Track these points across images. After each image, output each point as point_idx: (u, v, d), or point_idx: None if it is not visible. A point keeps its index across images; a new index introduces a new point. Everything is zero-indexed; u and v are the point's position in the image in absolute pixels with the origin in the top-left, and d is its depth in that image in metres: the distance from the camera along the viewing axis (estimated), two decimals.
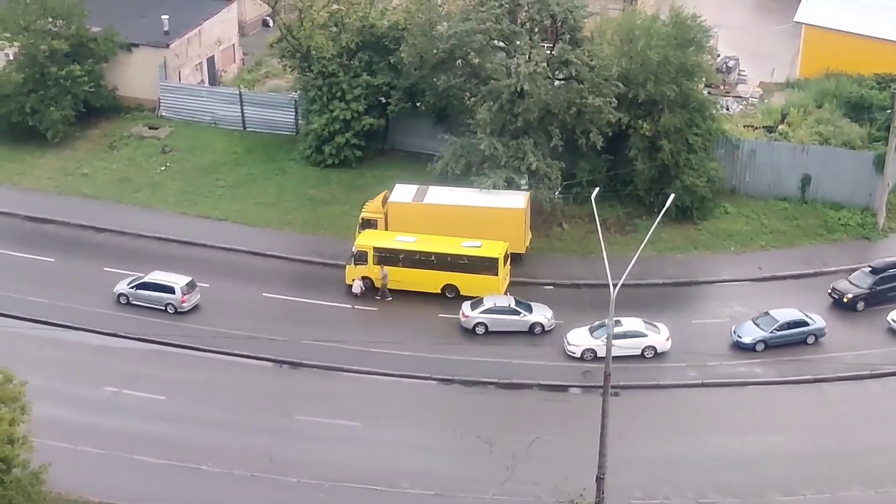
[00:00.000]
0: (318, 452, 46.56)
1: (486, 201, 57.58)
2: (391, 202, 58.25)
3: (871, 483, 44.93)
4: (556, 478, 44.88)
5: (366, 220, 58.24)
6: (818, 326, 52.65)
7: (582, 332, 52.23)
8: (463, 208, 57.11)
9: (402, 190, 59.07)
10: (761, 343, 52.03)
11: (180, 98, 71.11)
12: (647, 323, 52.17)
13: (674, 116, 59.69)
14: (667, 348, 51.78)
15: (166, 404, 49.23)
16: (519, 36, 58.95)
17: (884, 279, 54.98)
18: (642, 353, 51.54)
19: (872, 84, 67.65)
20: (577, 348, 51.55)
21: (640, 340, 51.49)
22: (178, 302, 54.44)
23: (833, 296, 55.17)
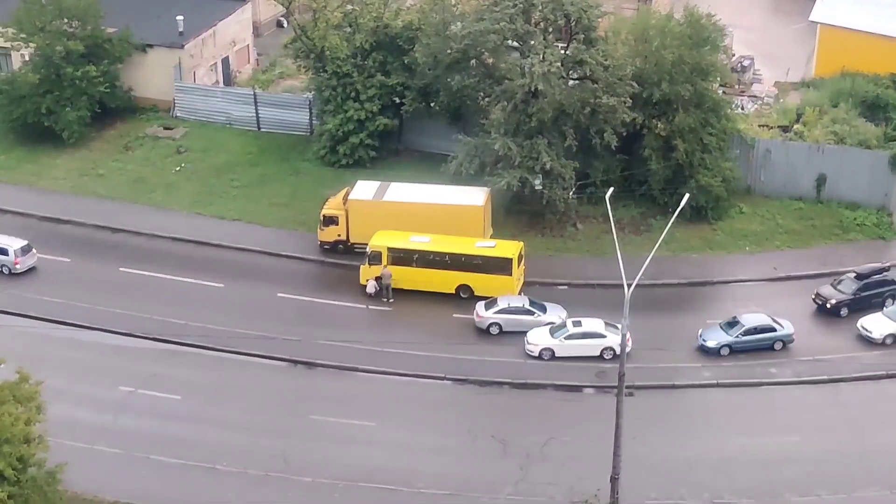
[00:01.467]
0: (332, 452, 46.63)
1: (445, 198, 57.94)
2: (351, 199, 58.50)
3: (888, 484, 44.73)
4: (571, 478, 44.83)
5: (327, 216, 58.52)
6: (786, 332, 52.02)
7: (542, 331, 52.27)
8: (422, 205, 57.39)
9: (363, 187, 59.35)
10: (726, 348, 51.61)
11: (195, 98, 71.28)
12: (608, 324, 52.04)
13: (688, 116, 59.55)
14: (627, 349, 51.44)
15: (181, 404, 49.37)
16: (533, 36, 58.92)
17: (868, 285, 54.34)
18: (601, 355, 51.42)
19: (888, 83, 67.38)
20: (536, 347, 51.67)
21: (599, 341, 51.44)
22: (11, 264, 56.51)
23: (817, 301, 54.59)
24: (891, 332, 52.24)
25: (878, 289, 54.53)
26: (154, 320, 54.02)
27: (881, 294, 54.32)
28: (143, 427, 47.84)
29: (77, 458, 43.30)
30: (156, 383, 50.49)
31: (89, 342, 53.13)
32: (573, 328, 51.86)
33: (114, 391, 49.96)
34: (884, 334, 52.26)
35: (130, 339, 53.26)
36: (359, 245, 58.19)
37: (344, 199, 58.94)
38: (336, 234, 58.58)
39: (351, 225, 58.34)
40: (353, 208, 58.32)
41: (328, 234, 58.70)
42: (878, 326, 52.53)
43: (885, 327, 52.41)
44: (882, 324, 52.60)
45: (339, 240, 58.69)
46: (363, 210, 58.12)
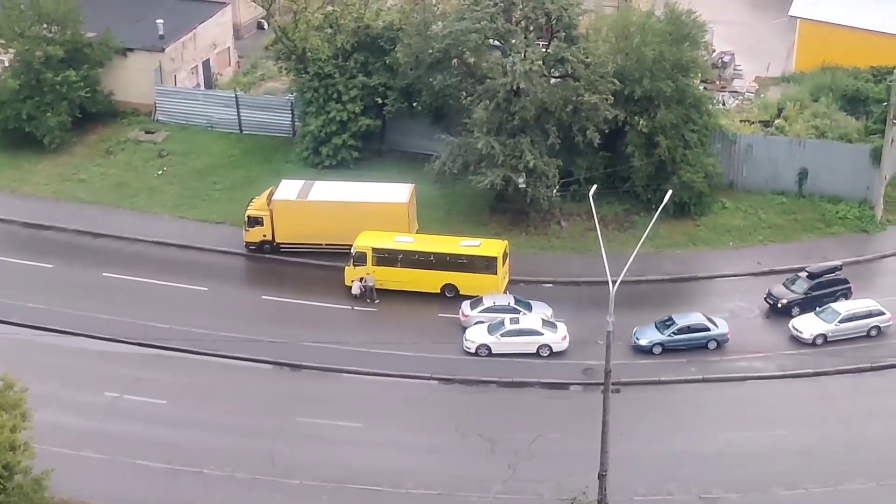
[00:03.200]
0: (320, 454, 46.55)
1: (369, 196, 58.27)
2: (275, 200, 58.52)
3: (875, 476, 44.96)
4: (559, 475, 44.86)
5: (251, 217, 58.52)
6: (720, 332, 51.92)
7: (480, 328, 52.36)
8: (346, 204, 57.61)
9: (287, 186, 59.40)
10: (658, 346, 51.67)
11: (176, 102, 71.05)
12: (546, 321, 52.14)
13: (670, 112, 59.69)
14: (563, 347, 51.77)
15: (167, 408, 49.20)
16: (514, 34, 58.97)
17: (820, 285, 54.26)
18: (537, 352, 51.52)
19: (868, 77, 67.68)
20: (473, 344, 51.82)
21: (535, 338, 51.52)
22: None
23: (768, 301, 54.58)
24: (821, 333, 52.01)
25: (830, 288, 54.38)
26: (138, 325, 53.79)
27: (833, 293, 54.17)
28: (129, 432, 47.65)
29: (63, 464, 43.14)
30: (141, 388, 50.28)
31: (73, 348, 52.88)
32: (510, 325, 51.96)
33: (99, 396, 49.74)
34: (814, 334, 52.05)
35: (115, 344, 53.03)
36: (286, 245, 58.29)
37: (268, 200, 58.82)
38: (262, 235, 58.48)
39: (276, 225, 58.30)
40: (278, 208, 58.26)
41: (254, 234, 58.52)
42: (808, 327, 52.38)
43: (815, 327, 52.21)
44: (812, 324, 52.43)
45: (265, 240, 58.57)
46: (288, 210, 58.10)
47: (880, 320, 52.56)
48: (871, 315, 52.58)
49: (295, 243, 58.64)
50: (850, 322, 52.29)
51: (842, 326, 52.18)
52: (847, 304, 53.13)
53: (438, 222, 61.02)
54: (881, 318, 52.58)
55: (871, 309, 52.78)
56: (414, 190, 59.16)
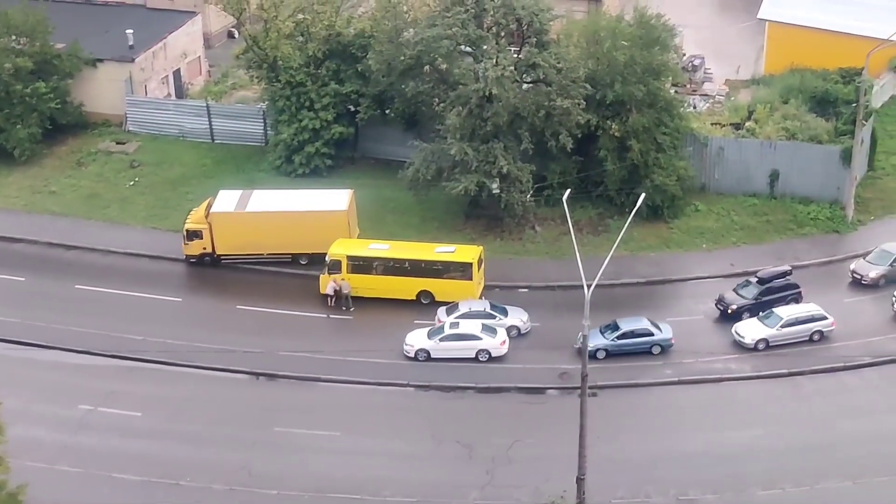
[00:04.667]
0: (297, 464, 46.38)
1: (307, 204, 58.17)
2: (213, 212, 58.25)
3: (850, 474, 45.23)
4: (537, 480, 44.91)
5: (190, 231, 58.16)
6: (664, 337, 51.97)
7: (420, 333, 52.46)
8: (284, 213, 57.52)
9: (224, 198, 59.08)
10: (602, 351, 51.69)
11: (147, 112, 70.74)
12: (485, 327, 52.27)
13: (642, 116, 59.94)
14: (502, 352, 51.89)
15: (142, 421, 48.91)
16: (485, 40, 59.07)
17: (770, 290, 54.37)
18: (476, 357, 51.61)
19: (837, 79, 68.13)
20: (412, 348, 51.91)
21: (474, 343, 51.59)
22: None
23: (719, 307, 54.64)
24: (763, 337, 52.12)
25: (780, 293, 54.48)
26: (112, 337, 53.47)
27: (783, 298, 54.28)
28: (104, 445, 47.34)
29: (38, 478, 42.68)
30: (115, 401, 49.96)
31: (47, 361, 52.49)
32: (449, 330, 52.01)
33: (73, 410, 49.39)
34: (755, 339, 52.16)
35: (88, 357, 52.69)
36: (226, 257, 58.12)
37: (206, 212, 58.57)
38: (201, 248, 58.20)
39: (215, 237, 58.03)
40: (216, 221, 58.00)
41: (193, 247, 58.22)
42: (750, 332, 52.50)
43: (757, 332, 52.32)
44: (755, 329, 52.55)
45: (205, 253, 58.31)
46: (226, 222, 57.87)
47: (823, 325, 52.61)
48: (813, 319, 52.60)
49: (235, 255, 58.35)
50: (793, 327, 52.29)
51: (784, 331, 52.22)
52: (789, 309, 53.00)
53: (413, 229, 61.03)
54: (824, 323, 52.63)
55: (813, 313, 52.81)
56: (353, 196, 59.03)
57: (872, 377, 51.11)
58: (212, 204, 59.01)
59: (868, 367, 51.46)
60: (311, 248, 57.89)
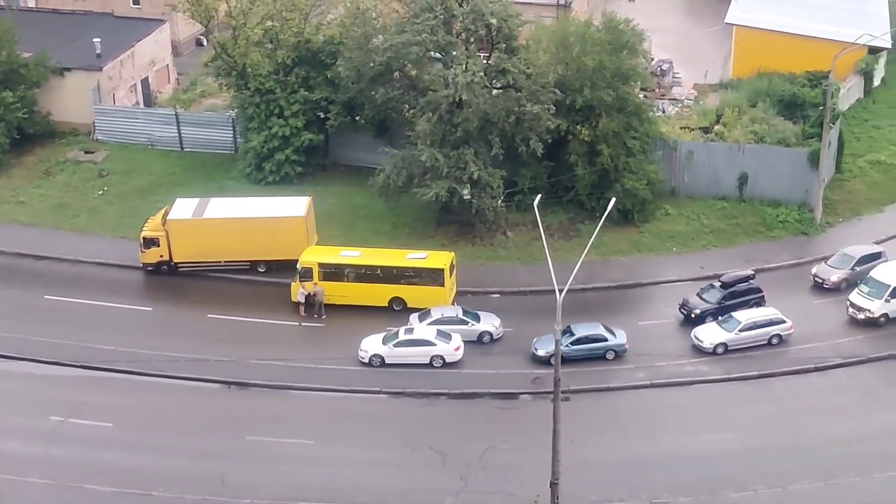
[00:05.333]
0: (270, 473, 46.17)
1: (265, 211, 58.07)
2: (170, 220, 58.07)
3: (821, 475, 45.50)
4: (511, 485, 44.93)
5: (147, 238, 57.92)
6: (617, 342, 51.97)
7: (375, 338, 52.47)
8: (242, 220, 57.39)
9: (181, 205, 58.91)
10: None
11: (115, 121, 70.37)
12: (440, 332, 52.30)
13: (611, 121, 60.20)
14: (456, 358, 51.89)
15: (114, 431, 48.56)
16: (455, 46, 59.15)
17: (733, 294, 54.55)
18: (430, 363, 51.64)
19: (804, 82, 68.76)
20: (366, 354, 51.90)
21: (428, 349, 51.63)
22: None
23: (682, 311, 54.80)
24: (721, 342, 52.27)
25: (743, 297, 54.67)
26: (82, 347, 53.06)
27: (747, 302, 54.47)
28: (75, 456, 46.93)
29: (9, 490, 42.48)
30: (86, 411, 49.57)
31: (16, 372, 52.02)
32: (403, 336, 52.01)
33: (44, 421, 48.93)
34: (714, 343, 52.30)
35: (58, 368, 52.23)
36: (184, 265, 57.93)
37: (163, 220, 58.34)
38: (158, 256, 57.91)
39: (173, 245, 57.76)
40: (173, 228, 57.78)
41: (150, 255, 57.91)
42: (708, 336, 52.65)
43: (716, 336, 52.46)
44: (713, 333, 52.71)
45: (162, 261, 58.05)
46: (183, 229, 57.64)
47: (781, 328, 52.83)
48: (771, 323, 52.81)
49: (193, 262, 58.10)
50: (751, 331, 52.47)
51: (742, 335, 52.37)
52: (748, 313, 53.15)
53: (384, 235, 60.99)
54: (782, 327, 52.84)
55: (771, 317, 53.03)
56: (311, 202, 58.89)
57: (842, 378, 51.48)
58: (168, 211, 58.70)
59: (838, 368, 51.82)
60: (269, 256, 57.74)
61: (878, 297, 53.52)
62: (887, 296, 53.38)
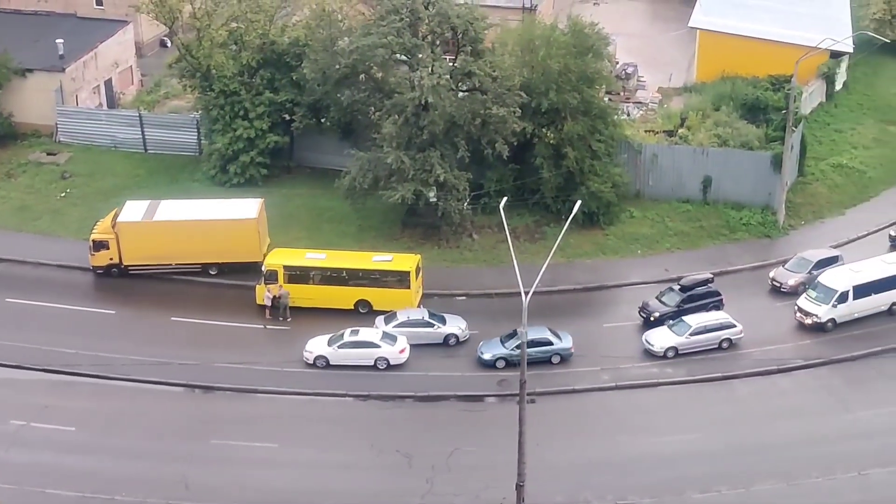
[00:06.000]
0: (235, 476, 45.92)
1: (216, 213, 57.87)
2: (120, 222, 57.71)
3: (784, 476, 45.85)
4: (477, 487, 44.96)
5: (96, 241, 57.51)
6: (563, 346, 51.95)
7: (321, 340, 52.43)
8: (194, 223, 57.18)
9: (131, 208, 58.59)
10: (502, 360, 51.66)
11: (78, 122, 69.83)
12: (386, 334, 52.39)
13: (577, 124, 60.41)
14: (401, 360, 51.91)
15: (76, 435, 48.14)
16: (421, 49, 59.14)
17: (691, 297, 54.80)
18: (375, 364, 51.67)
19: (767, 86, 69.34)
20: (311, 355, 51.85)
21: (372, 351, 51.66)
22: None
23: (642, 314, 55.02)
24: (672, 345, 52.49)
25: (702, 300, 54.88)
26: (44, 351, 52.54)
27: (705, 306, 54.70)
28: (37, 461, 46.48)
29: None
30: (48, 415, 49.11)
31: None
32: (348, 337, 52.02)
33: (5, 425, 48.45)
34: (664, 347, 52.52)
35: (20, 372, 51.73)
36: (134, 268, 57.59)
37: (113, 222, 57.97)
38: (108, 259, 57.50)
39: (123, 248, 57.39)
40: (123, 231, 57.40)
41: (100, 258, 57.48)
42: (659, 340, 52.88)
43: (666, 340, 52.69)
44: (664, 337, 52.94)
45: (112, 263, 57.62)
46: (133, 232, 57.28)
47: (732, 332, 53.08)
48: (722, 328, 53.03)
49: (144, 265, 57.71)
50: (702, 335, 52.68)
51: (692, 339, 52.58)
52: (699, 317, 53.34)
53: (350, 238, 60.87)
54: (733, 331, 53.10)
55: (722, 321, 53.26)
56: (263, 205, 58.66)
57: (805, 379, 51.93)
58: (118, 214, 58.23)
59: (801, 370, 52.26)
60: (220, 258, 57.50)
61: (825, 302, 53.85)
62: (834, 301, 53.75)
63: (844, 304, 53.95)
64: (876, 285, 54.49)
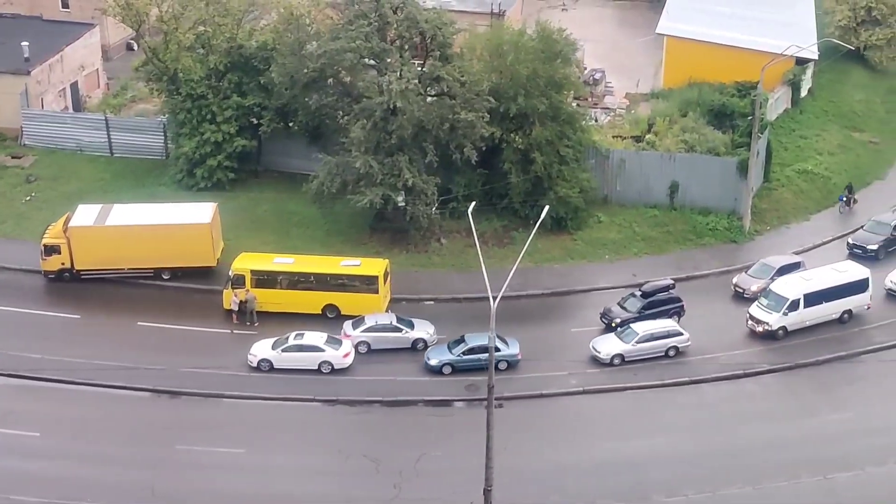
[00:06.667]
0: (202, 482, 45.64)
1: (169, 218, 57.56)
2: (72, 227, 57.31)
3: (751, 479, 46.08)
4: (445, 492, 44.91)
5: (48, 246, 57.00)
6: (510, 353, 51.65)
7: (265, 343, 52.36)
8: (146, 227, 56.86)
9: (83, 212, 58.15)
10: (448, 366, 51.66)
11: (44, 125, 69.32)
12: (330, 337, 52.37)
13: (545, 129, 60.59)
14: (345, 364, 51.86)
15: (41, 441, 47.67)
16: (389, 53, 59.14)
17: (652, 303, 54.96)
18: (319, 368, 51.68)
19: (733, 92, 69.78)
20: (255, 358, 51.75)
21: (316, 355, 51.59)
22: None
23: (603, 320, 55.12)
24: (618, 353, 52.49)
25: (663, 307, 55.06)
26: (9, 356, 52.02)
27: (666, 312, 54.93)
28: (1, 467, 45.97)
29: None
30: (13, 421, 48.61)
31: None
32: (293, 341, 51.96)
33: None
34: (611, 354, 52.52)
35: None
36: (86, 272, 57.19)
37: (64, 227, 57.50)
38: (60, 263, 57.00)
39: (74, 252, 56.89)
40: (75, 235, 56.93)
41: (51, 263, 56.98)
42: (606, 347, 52.92)
43: (613, 347, 52.73)
44: (610, 344, 53.00)
45: (63, 268, 57.15)
46: (85, 236, 56.82)
47: (678, 341, 53.19)
48: (669, 335, 53.15)
49: (96, 270, 57.22)
50: (648, 342, 52.73)
51: (639, 347, 52.60)
52: (645, 325, 53.36)
53: (318, 242, 60.72)
54: (679, 339, 53.21)
55: (669, 329, 53.37)
56: (217, 209, 58.37)
57: (771, 384, 52.30)
58: (70, 218, 57.74)
59: (767, 374, 52.62)
60: (173, 263, 57.20)
61: (776, 310, 54.02)
62: (785, 309, 53.98)
63: (795, 312, 54.11)
64: (827, 293, 54.64)
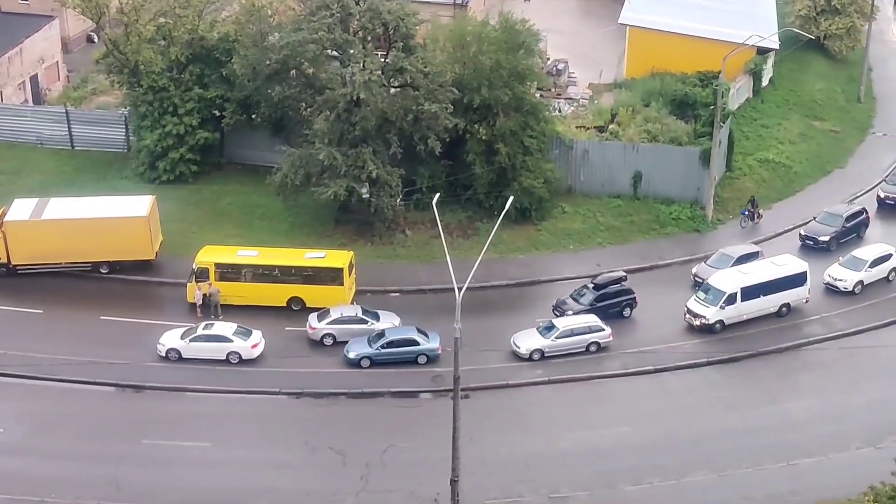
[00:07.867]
0: (167, 477, 45.44)
1: (106, 211, 57.25)
2: (7, 221, 56.82)
3: (715, 467, 46.47)
4: (411, 484, 44.99)
5: None
6: (429, 347, 51.45)
7: (174, 333, 52.19)
8: (83, 221, 56.45)
9: (19, 206, 57.66)
10: (367, 359, 51.56)
11: (3, 119, 68.58)
12: (239, 328, 52.27)
13: (509, 120, 60.66)
14: (253, 355, 51.76)
15: (4, 436, 47.31)
16: (352, 45, 58.96)
17: (605, 296, 55.00)
18: (227, 358, 51.57)
19: (695, 82, 70.12)
20: (164, 348, 51.63)
21: (224, 345, 51.53)
22: None
23: (556, 312, 55.10)
24: (537, 348, 52.40)
25: (615, 299, 55.16)
26: None
27: (619, 304, 55.11)
28: None
29: None
30: None
31: None
32: (201, 331, 51.96)
33: None
34: (530, 349, 52.40)
35: None
36: (23, 267, 56.70)
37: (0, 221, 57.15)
38: None
39: (10, 247, 56.38)
40: (11, 230, 56.43)
41: None
42: (525, 342, 52.78)
43: (532, 343, 52.60)
44: (530, 339, 52.88)
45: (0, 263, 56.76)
46: (21, 231, 56.31)
47: (600, 336, 53.03)
48: (590, 331, 53.01)
49: (33, 264, 56.67)
50: (569, 338, 52.57)
51: (559, 342, 52.47)
52: (566, 320, 53.28)
53: (282, 235, 60.51)
54: (601, 335, 53.08)
55: (591, 325, 53.18)
56: (154, 202, 57.96)
57: (734, 372, 52.74)
58: (6, 213, 57.14)
59: (730, 363, 53.05)
60: (111, 256, 56.80)
61: (713, 304, 54.10)
62: (722, 302, 54.10)
63: (732, 305, 54.16)
64: (764, 287, 54.73)
